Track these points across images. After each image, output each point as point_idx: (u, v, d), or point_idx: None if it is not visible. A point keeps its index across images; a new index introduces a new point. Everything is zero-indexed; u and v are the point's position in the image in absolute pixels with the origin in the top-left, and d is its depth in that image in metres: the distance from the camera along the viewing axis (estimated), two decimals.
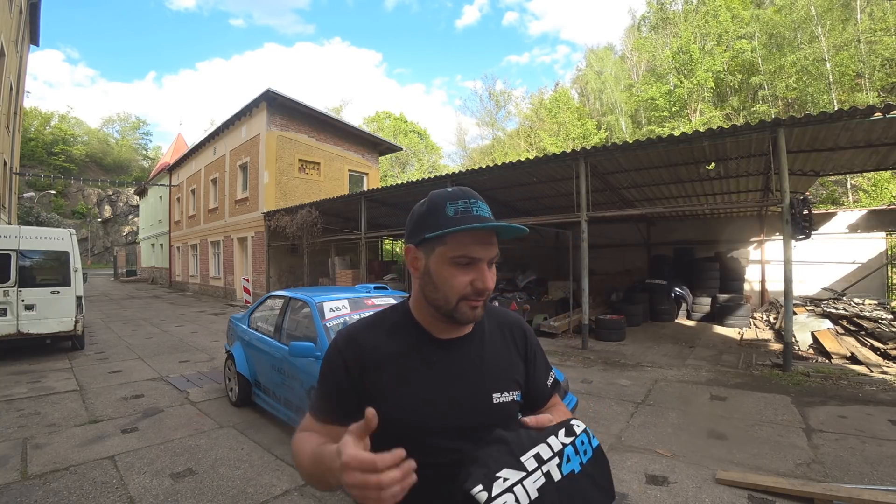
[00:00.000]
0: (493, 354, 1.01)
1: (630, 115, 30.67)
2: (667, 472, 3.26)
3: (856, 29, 20.46)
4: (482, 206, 0.91)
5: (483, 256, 0.89)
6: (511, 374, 1.01)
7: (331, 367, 0.98)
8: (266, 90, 14.97)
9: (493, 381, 0.98)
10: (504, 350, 1.03)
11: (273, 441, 3.91)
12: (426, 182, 9.79)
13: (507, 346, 1.04)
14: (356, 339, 0.98)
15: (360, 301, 4.16)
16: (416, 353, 0.96)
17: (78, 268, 7.63)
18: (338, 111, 43.43)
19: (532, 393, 1.06)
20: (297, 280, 15.49)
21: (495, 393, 0.96)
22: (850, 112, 5.34)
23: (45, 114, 55.06)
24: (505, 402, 0.97)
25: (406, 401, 0.92)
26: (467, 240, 0.88)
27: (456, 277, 0.89)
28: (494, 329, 1.04)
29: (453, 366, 0.95)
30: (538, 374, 1.07)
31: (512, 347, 1.05)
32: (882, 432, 3.88)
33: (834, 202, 18.66)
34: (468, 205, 0.89)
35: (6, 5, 12.04)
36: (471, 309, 0.91)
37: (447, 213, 0.89)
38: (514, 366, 1.03)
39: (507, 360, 1.03)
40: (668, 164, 8.25)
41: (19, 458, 3.58)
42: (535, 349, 1.09)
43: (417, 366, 0.95)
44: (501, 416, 0.96)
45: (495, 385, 0.97)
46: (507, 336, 1.06)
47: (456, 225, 0.86)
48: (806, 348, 6.87)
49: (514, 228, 0.89)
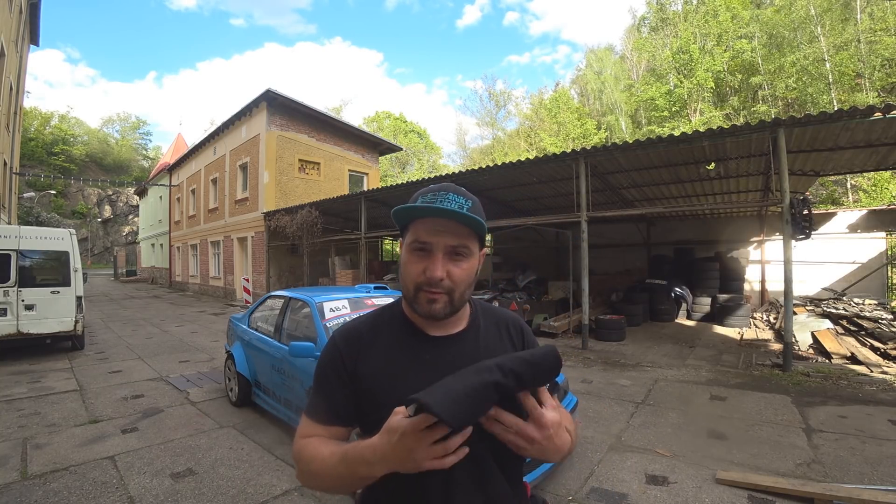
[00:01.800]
0: (487, 352, 0.97)
1: (630, 115, 30.67)
2: (667, 472, 3.26)
3: (856, 29, 20.46)
4: (452, 199, 0.89)
5: (434, 242, 0.89)
6: None
7: (329, 367, 0.98)
8: (266, 90, 14.97)
9: None
10: (499, 347, 1.01)
11: (273, 441, 3.91)
12: (426, 182, 9.78)
13: (502, 344, 1.03)
14: (351, 337, 0.99)
15: (360, 301, 4.15)
16: (408, 350, 0.96)
17: (78, 268, 7.63)
18: (338, 111, 43.45)
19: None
20: (297, 280, 15.48)
21: None
22: (850, 112, 5.33)
23: (45, 114, 55.09)
24: None
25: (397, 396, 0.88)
26: (420, 227, 0.90)
27: (410, 264, 0.91)
28: (490, 326, 1.04)
29: (444, 363, 0.92)
30: None
31: (508, 345, 1.03)
32: (882, 432, 3.88)
33: (834, 202, 18.66)
34: (435, 197, 0.90)
35: (6, 5, 12.03)
36: (427, 302, 0.90)
37: (415, 204, 0.90)
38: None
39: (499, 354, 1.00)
40: (668, 164, 8.25)
41: (19, 458, 3.58)
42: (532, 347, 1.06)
43: (409, 363, 0.94)
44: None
45: None
46: (504, 333, 1.05)
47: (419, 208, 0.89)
48: (806, 348, 6.87)
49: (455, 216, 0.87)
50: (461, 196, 0.91)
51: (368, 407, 0.93)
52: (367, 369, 0.95)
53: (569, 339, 8.46)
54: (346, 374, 0.96)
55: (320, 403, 0.97)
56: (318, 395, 0.98)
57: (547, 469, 2.94)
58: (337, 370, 0.96)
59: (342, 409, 0.95)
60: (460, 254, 0.90)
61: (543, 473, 2.91)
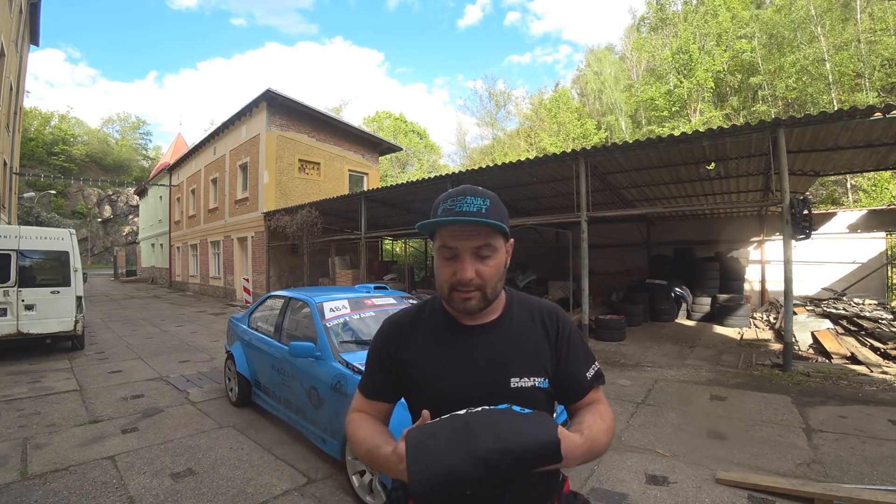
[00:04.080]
0: (518, 340, 1.05)
1: (630, 115, 30.66)
2: (667, 472, 3.26)
3: (856, 29, 20.46)
4: (470, 201, 0.95)
5: (460, 247, 0.95)
6: (536, 361, 1.04)
7: (376, 350, 1.13)
8: (266, 90, 14.97)
9: (514, 366, 1.02)
10: (531, 336, 1.06)
11: (273, 441, 3.91)
12: (426, 182, 9.79)
13: (534, 333, 1.06)
14: (396, 325, 1.13)
15: (360, 301, 4.16)
16: (442, 338, 1.06)
17: (78, 268, 7.63)
18: (337, 111, 43.45)
19: (564, 382, 1.06)
20: (297, 280, 15.48)
21: (514, 378, 1.01)
22: (850, 112, 5.33)
23: (45, 114, 55.12)
24: (524, 387, 1.01)
25: (430, 380, 1.04)
26: (446, 233, 0.97)
27: (442, 268, 0.99)
28: (524, 316, 1.08)
29: (474, 350, 1.03)
30: (571, 362, 1.06)
31: (541, 334, 1.07)
32: (882, 432, 3.88)
33: (834, 202, 18.66)
34: (454, 202, 0.96)
35: (6, 5, 12.03)
36: (462, 300, 0.97)
37: (438, 211, 0.97)
38: (540, 352, 1.05)
39: (533, 346, 1.05)
40: (668, 164, 8.25)
41: (19, 458, 3.58)
42: (569, 337, 1.07)
43: (442, 349, 1.05)
44: (519, 401, 0.96)
45: (515, 370, 1.02)
46: (538, 323, 1.08)
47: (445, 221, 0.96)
48: (806, 348, 6.87)
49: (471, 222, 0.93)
50: (479, 197, 0.97)
51: (409, 387, 1.09)
52: (407, 354, 1.07)
53: None
54: (388, 358, 1.10)
55: (366, 381, 1.14)
56: (366, 373, 1.16)
57: None
58: (380, 354, 1.11)
59: (382, 387, 1.12)
60: (486, 253, 0.97)
61: None
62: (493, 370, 1.02)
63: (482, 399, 0.96)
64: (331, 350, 3.47)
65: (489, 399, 0.96)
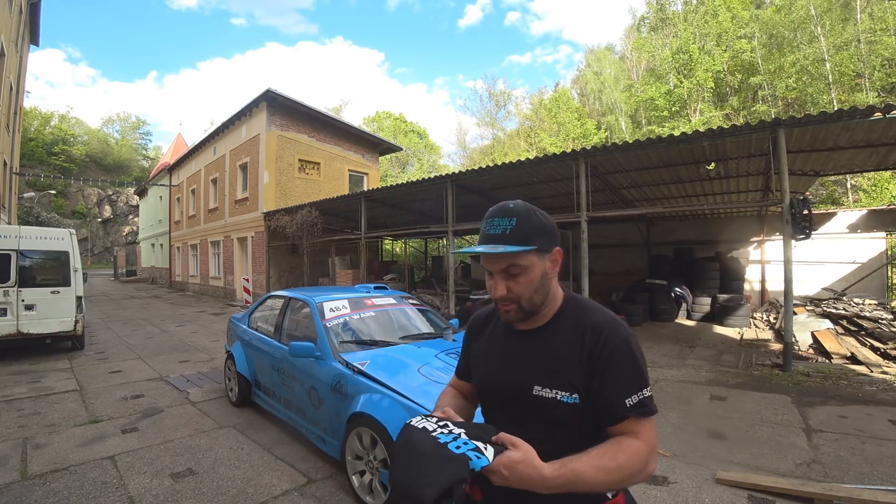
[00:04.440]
0: (551, 350, 1.07)
1: (630, 115, 30.66)
2: (667, 472, 3.26)
3: (856, 29, 20.45)
4: (496, 223, 1.03)
5: (491, 269, 1.07)
6: (563, 374, 1.03)
7: (464, 338, 1.33)
8: (266, 90, 14.97)
9: (539, 374, 1.06)
10: (565, 348, 1.05)
11: (273, 441, 3.91)
12: (426, 182, 9.79)
13: (571, 345, 1.05)
14: (476, 319, 1.31)
15: (360, 301, 4.16)
16: (498, 338, 1.19)
17: (78, 268, 7.63)
18: (337, 111, 43.44)
19: (597, 404, 1.00)
20: (297, 280, 15.48)
21: (537, 385, 1.05)
22: (850, 112, 5.33)
23: (45, 114, 55.13)
24: (545, 397, 1.03)
25: (478, 371, 1.23)
26: (481, 256, 1.08)
27: (488, 284, 1.10)
28: (571, 328, 1.08)
29: (514, 353, 1.13)
30: (606, 385, 0.99)
31: (577, 347, 1.04)
32: (882, 432, 3.88)
33: (834, 202, 18.66)
34: (487, 224, 1.05)
35: (6, 5, 12.03)
36: (503, 312, 1.09)
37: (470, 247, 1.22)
38: (569, 365, 1.03)
39: (564, 359, 1.04)
40: (668, 164, 8.25)
41: (19, 458, 3.58)
42: (610, 356, 1.00)
43: (494, 347, 1.19)
44: (538, 408, 1.04)
45: (540, 378, 1.05)
46: (578, 337, 1.05)
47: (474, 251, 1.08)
48: (806, 348, 6.87)
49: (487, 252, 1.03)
50: (506, 217, 1.03)
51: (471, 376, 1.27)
52: (476, 348, 1.26)
53: None
54: (467, 347, 1.31)
55: (459, 362, 1.36)
56: (460, 356, 1.36)
57: None
58: (466, 342, 1.32)
59: (464, 370, 1.31)
60: (514, 272, 1.03)
61: None
62: (521, 374, 1.08)
63: (508, 398, 1.10)
64: (331, 350, 3.47)
65: (514, 399, 1.08)
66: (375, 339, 3.75)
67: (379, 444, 2.74)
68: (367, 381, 3.02)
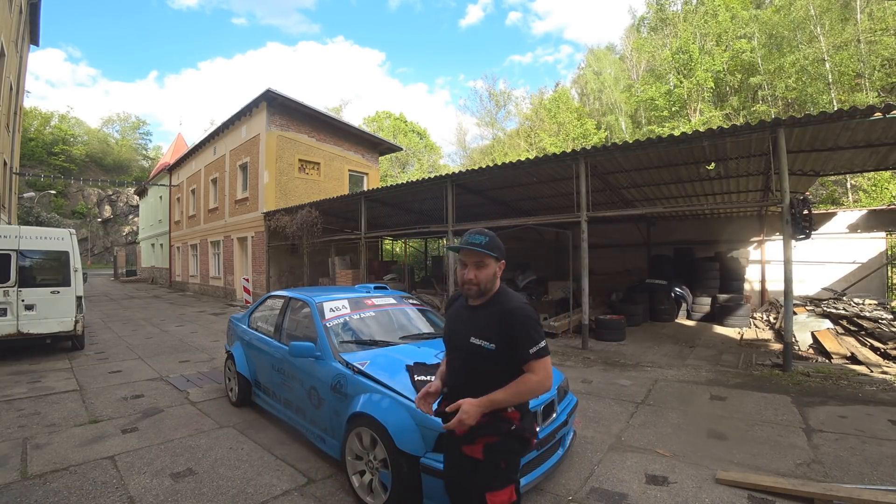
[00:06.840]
0: (485, 318, 1.79)
1: (630, 115, 30.66)
2: (667, 472, 3.26)
3: (855, 29, 20.44)
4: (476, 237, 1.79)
5: (467, 261, 1.81)
6: (487, 332, 1.75)
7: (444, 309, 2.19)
8: (266, 90, 14.97)
9: (475, 330, 1.79)
10: (491, 319, 1.77)
11: (273, 441, 3.91)
12: (426, 182, 9.79)
13: (493, 317, 1.76)
14: (452, 299, 2.11)
15: (360, 301, 4.16)
16: (459, 308, 1.96)
17: (78, 268, 7.63)
18: (337, 111, 43.47)
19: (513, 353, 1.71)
20: (297, 280, 15.48)
21: (472, 337, 1.78)
22: (850, 112, 5.33)
23: (45, 114, 55.13)
24: (475, 343, 1.76)
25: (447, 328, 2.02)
26: (462, 253, 1.83)
27: (459, 272, 1.85)
28: (497, 307, 1.78)
29: (466, 318, 1.87)
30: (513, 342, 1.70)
31: (497, 319, 1.75)
32: (882, 432, 3.88)
33: (834, 202, 18.66)
34: (468, 236, 1.81)
35: (6, 5, 12.03)
36: (466, 290, 1.83)
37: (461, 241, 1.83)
38: (492, 329, 1.74)
39: (489, 324, 1.76)
40: (668, 164, 8.25)
41: (19, 458, 3.58)
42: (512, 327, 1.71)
43: (456, 315, 1.96)
44: (472, 351, 1.78)
45: (475, 333, 1.78)
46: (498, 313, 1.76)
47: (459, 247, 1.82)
48: (806, 348, 6.87)
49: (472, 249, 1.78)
50: (482, 235, 1.79)
51: None
52: (449, 314, 2.04)
53: (569, 338, 8.46)
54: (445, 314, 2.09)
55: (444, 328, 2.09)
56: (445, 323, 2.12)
57: (547, 468, 2.95)
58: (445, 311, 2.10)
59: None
60: (481, 265, 1.79)
61: (543, 473, 2.91)
62: (466, 329, 1.82)
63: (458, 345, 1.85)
64: (331, 350, 3.47)
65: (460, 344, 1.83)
66: (375, 339, 3.76)
67: (379, 444, 2.74)
68: (368, 381, 3.02)
